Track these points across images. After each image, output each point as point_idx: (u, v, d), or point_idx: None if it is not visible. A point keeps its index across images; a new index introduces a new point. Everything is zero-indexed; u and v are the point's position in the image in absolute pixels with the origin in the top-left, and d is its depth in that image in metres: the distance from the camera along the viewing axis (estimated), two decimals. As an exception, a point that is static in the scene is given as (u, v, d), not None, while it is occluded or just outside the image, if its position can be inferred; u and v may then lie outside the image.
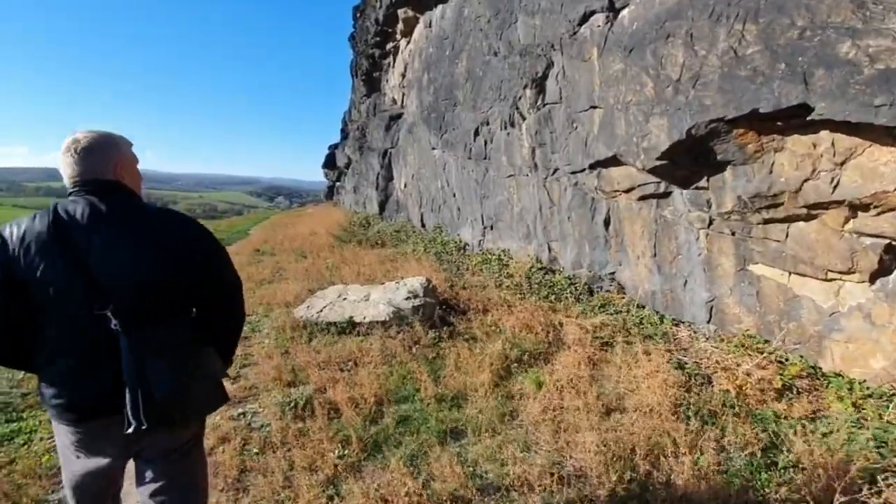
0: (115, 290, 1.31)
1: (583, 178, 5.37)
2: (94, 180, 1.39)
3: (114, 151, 1.45)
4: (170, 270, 1.39)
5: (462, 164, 8.32)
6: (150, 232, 1.38)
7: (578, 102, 5.24)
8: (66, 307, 1.30)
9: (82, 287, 1.28)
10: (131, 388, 1.28)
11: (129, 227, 1.37)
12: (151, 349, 1.32)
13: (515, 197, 6.66)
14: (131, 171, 1.51)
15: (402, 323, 4.48)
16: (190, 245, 1.44)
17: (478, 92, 7.61)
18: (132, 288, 1.33)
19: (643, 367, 3.30)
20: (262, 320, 5.23)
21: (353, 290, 5.44)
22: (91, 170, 1.40)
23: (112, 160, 1.43)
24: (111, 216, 1.36)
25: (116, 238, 1.34)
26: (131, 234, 1.36)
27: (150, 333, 1.34)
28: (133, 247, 1.35)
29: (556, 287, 5.57)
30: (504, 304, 5.00)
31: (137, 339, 1.31)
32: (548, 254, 6.21)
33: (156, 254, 1.36)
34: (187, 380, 1.38)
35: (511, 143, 6.50)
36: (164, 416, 1.33)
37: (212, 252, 1.51)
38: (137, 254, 1.34)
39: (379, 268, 7.31)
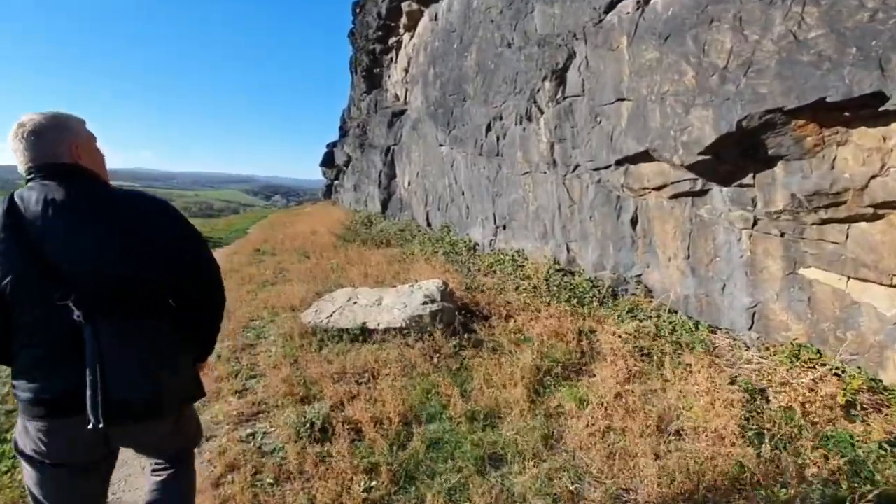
0: (77, 278, 1.23)
1: (607, 174, 5.08)
2: (49, 164, 1.30)
3: (65, 133, 1.35)
4: (139, 257, 1.30)
5: (472, 160, 8.01)
6: (115, 217, 1.30)
7: (603, 94, 4.93)
8: (28, 297, 1.23)
9: (39, 276, 1.21)
10: (90, 383, 1.20)
11: (92, 213, 1.28)
12: (117, 341, 1.24)
13: (531, 195, 6.35)
14: (89, 150, 1.40)
15: (420, 330, 4.17)
16: (160, 229, 1.35)
17: (489, 85, 7.30)
18: (96, 276, 1.25)
19: (694, 382, 3.00)
20: (268, 326, 4.91)
21: (364, 294, 5.12)
22: (43, 154, 1.31)
23: (65, 142, 1.33)
24: (71, 201, 1.27)
25: (79, 224, 1.26)
26: (95, 219, 1.28)
27: (118, 324, 1.25)
28: (97, 233, 1.27)
29: (577, 290, 5.27)
30: (526, 308, 4.70)
31: (102, 331, 1.22)
32: (566, 254, 5.91)
33: (123, 240, 1.28)
34: (155, 374, 1.29)
35: (527, 139, 6.20)
36: (126, 413, 1.24)
37: (184, 235, 1.42)
38: (102, 240, 1.26)
39: (387, 269, 7.00)
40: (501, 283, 5.82)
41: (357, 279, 6.60)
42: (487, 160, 7.39)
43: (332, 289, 6.11)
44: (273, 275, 7.40)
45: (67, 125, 1.37)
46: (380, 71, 17.57)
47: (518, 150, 6.45)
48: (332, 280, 6.70)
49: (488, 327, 4.30)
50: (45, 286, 1.21)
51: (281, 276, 7.29)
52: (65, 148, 1.33)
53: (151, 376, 1.28)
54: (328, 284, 6.47)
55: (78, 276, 1.23)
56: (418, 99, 11.39)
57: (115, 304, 1.26)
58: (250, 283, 6.84)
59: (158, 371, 1.30)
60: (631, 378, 3.24)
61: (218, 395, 3.37)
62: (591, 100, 5.18)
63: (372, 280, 6.55)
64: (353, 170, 19.15)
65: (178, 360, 1.41)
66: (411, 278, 6.24)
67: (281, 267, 7.97)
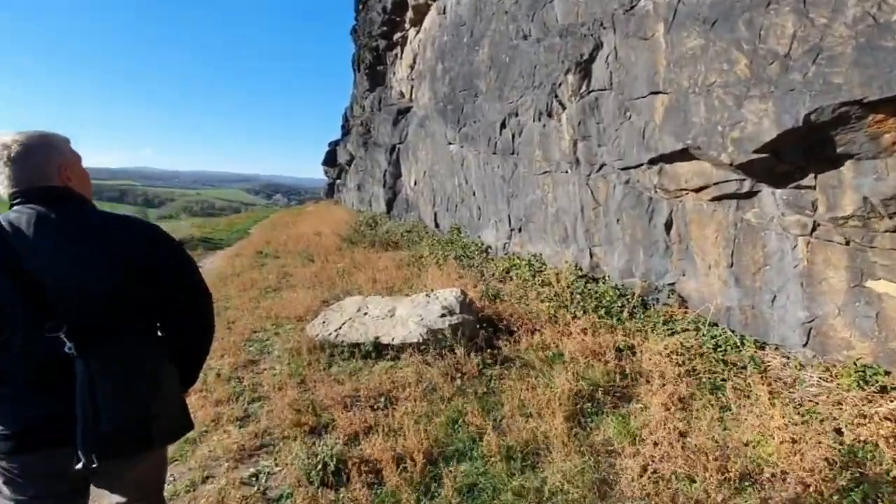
0: (69, 308, 1.18)
1: (638, 174, 4.69)
2: (38, 188, 1.24)
3: (53, 153, 1.29)
4: (131, 283, 1.26)
5: (485, 159, 7.63)
6: (107, 242, 1.25)
7: (634, 87, 4.55)
8: (11, 327, 1.16)
9: (31, 307, 1.15)
10: (82, 419, 1.14)
11: (84, 239, 1.23)
12: (108, 373, 1.19)
13: (551, 196, 5.97)
14: (78, 172, 1.34)
15: (439, 346, 3.80)
16: (152, 255, 1.31)
17: (504, 80, 6.91)
18: (89, 306, 1.20)
19: (759, 413, 2.62)
20: (272, 339, 4.54)
21: (375, 303, 4.75)
22: (31, 177, 1.24)
23: (54, 163, 1.27)
24: (62, 227, 1.21)
25: (70, 251, 1.20)
26: (87, 245, 1.22)
27: (107, 355, 1.20)
28: (89, 260, 1.21)
29: (604, 299, 4.89)
30: (552, 320, 4.32)
31: (93, 362, 1.17)
32: (589, 260, 5.53)
33: (114, 266, 1.23)
34: (147, 408, 1.25)
35: (547, 136, 5.82)
36: (114, 450, 1.19)
37: (177, 261, 1.38)
38: (94, 267, 1.21)
39: (396, 274, 6.63)
40: (520, 291, 5.45)
41: (365, 285, 6.23)
42: (502, 159, 7.01)
43: (339, 296, 5.75)
44: (276, 280, 7.03)
45: (55, 146, 1.30)
46: (383, 68, 17.20)
47: (536, 149, 6.07)
48: (338, 286, 6.33)
49: (513, 342, 3.92)
50: (37, 318, 1.15)
51: (285, 282, 6.93)
52: (53, 170, 1.27)
53: (143, 407, 1.24)
54: (335, 291, 6.11)
55: (70, 306, 1.18)
56: (425, 95, 11.01)
57: (105, 333, 1.21)
58: (252, 289, 6.47)
59: (149, 401, 1.26)
60: (682, 405, 2.87)
61: (217, 422, 3.01)
62: (619, 94, 4.80)
63: (381, 287, 6.18)
64: (357, 169, 18.78)
65: (167, 390, 1.35)
66: (424, 285, 5.87)
67: (284, 271, 7.61)
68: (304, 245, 10.01)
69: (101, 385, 1.16)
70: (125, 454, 1.24)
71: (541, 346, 3.89)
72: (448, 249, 7.98)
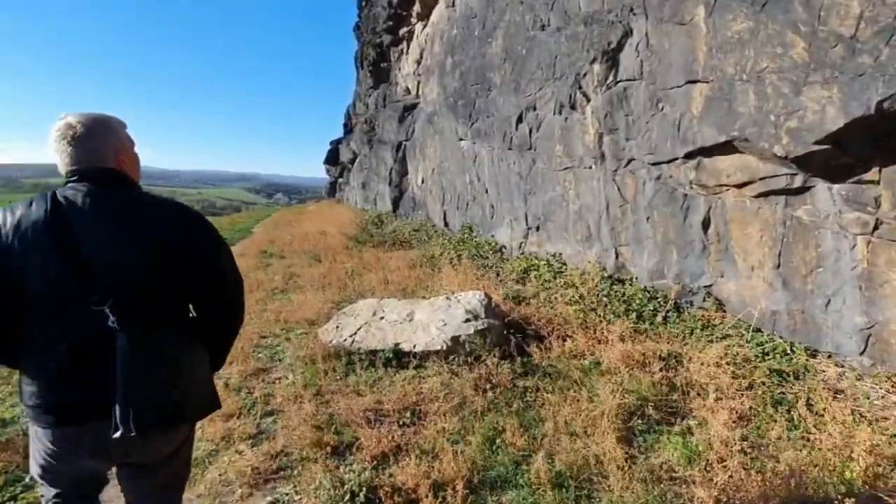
0: (115, 285, 1.21)
1: (671, 169, 4.41)
2: (95, 169, 1.29)
3: (112, 137, 1.34)
4: (163, 264, 1.28)
5: (499, 155, 7.35)
6: (143, 222, 1.28)
7: (668, 77, 4.27)
8: (58, 301, 1.20)
9: (78, 281, 1.19)
10: (122, 391, 1.18)
11: (124, 218, 1.27)
12: (147, 349, 1.23)
13: (572, 193, 5.70)
14: (131, 156, 1.40)
15: (464, 353, 3.52)
16: (187, 236, 1.33)
17: (520, 73, 6.63)
18: (133, 283, 1.24)
19: (837, 430, 2.35)
20: (283, 345, 4.26)
21: (391, 307, 4.47)
22: (89, 157, 1.28)
23: (111, 146, 1.33)
24: (113, 208, 1.26)
25: (118, 231, 1.25)
26: (134, 226, 1.26)
27: (147, 332, 1.24)
28: (126, 238, 1.25)
29: (633, 302, 4.61)
30: (583, 325, 4.04)
31: (134, 338, 1.21)
32: (614, 260, 5.25)
33: (147, 246, 1.26)
34: (181, 382, 1.31)
35: (570, 130, 5.54)
36: (154, 421, 1.23)
37: (212, 244, 1.40)
38: (140, 248, 1.25)
39: (409, 275, 6.35)
40: (543, 293, 5.18)
41: (377, 287, 5.95)
42: (518, 155, 6.73)
43: (351, 299, 5.47)
44: (283, 281, 6.75)
45: (114, 129, 1.36)
46: (387, 65, 16.92)
47: (557, 143, 5.79)
48: (349, 288, 6.05)
49: (544, 349, 3.65)
50: (80, 290, 1.19)
51: (292, 283, 6.65)
52: (110, 152, 1.32)
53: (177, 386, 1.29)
54: (346, 293, 5.83)
55: (115, 283, 1.21)
56: (434, 91, 10.72)
57: (145, 311, 1.25)
58: (259, 291, 6.19)
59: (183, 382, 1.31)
60: (744, 422, 2.59)
61: (227, 440, 2.73)
62: (651, 83, 4.52)
63: (394, 288, 5.91)
64: (361, 167, 18.50)
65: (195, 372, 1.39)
66: (439, 287, 5.60)
67: (291, 272, 7.33)
68: (310, 244, 9.73)
69: (138, 362, 1.20)
70: (157, 427, 1.26)
71: (574, 353, 3.62)
72: (460, 249, 7.70)
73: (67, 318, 1.20)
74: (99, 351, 1.19)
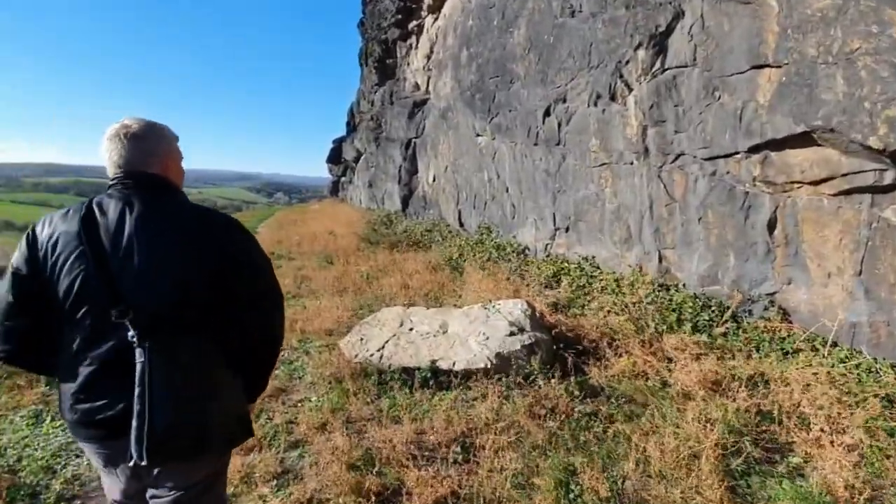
0: (139, 297, 1.16)
1: (730, 165, 4.00)
2: (140, 173, 1.26)
3: (163, 143, 1.33)
4: (204, 280, 1.21)
5: (523, 151, 6.93)
6: (188, 236, 1.22)
7: (727, 62, 3.86)
8: (87, 312, 1.17)
9: (106, 291, 1.15)
10: (137, 414, 1.10)
11: (170, 229, 1.21)
12: (169, 367, 1.15)
13: (609, 191, 5.28)
14: (177, 166, 1.37)
15: (512, 372, 3.11)
16: (226, 250, 1.25)
17: (548, 63, 6.21)
18: (161, 296, 1.17)
19: None
20: (301, 359, 3.84)
21: (420, 316, 4.06)
22: (137, 161, 1.26)
23: (160, 152, 1.31)
24: (149, 215, 1.21)
25: (153, 240, 1.19)
26: (171, 236, 1.21)
27: (171, 349, 1.16)
28: (171, 250, 1.20)
29: (684, 311, 4.19)
30: (637, 337, 3.63)
31: (155, 354, 1.14)
32: (658, 264, 4.84)
33: (195, 261, 1.21)
34: (202, 409, 1.19)
35: (608, 123, 5.12)
36: (168, 451, 1.14)
37: (251, 260, 1.31)
38: (174, 259, 1.19)
39: (430, 278, 5.93)
40: (579, 300, 4.77)
41: (397, 292, 5.54)
42: (545, 150, 6.31)
43: (371, 306, 5.06)
44: (295, 285, 6.34)
45: (166, 137, 1.34)
46: (393, 61, 16.50)
47: (592, 138, 5.37)
48: (367, 293, 5.64)
49: (601, 367, 3.23)
50: (107, 300, 1.14)
51: (305, 287, 6.23)
52: (158, 159, 1.29)
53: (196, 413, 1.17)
54: (364, 299, 5.42)
55: (140, 295, 1.16)
56: (447, 85, 10.29)
57: (167, 328, 1.17)
58: (269, 296, 5.78)
59: (204, 405, 1.20)
60: (862, 459, 2.18)
61: (248, 480, 2.32)
62: (706, 70, 4.10)
63: (414, 294, 5.50)
64: (367, 165, 18.08)
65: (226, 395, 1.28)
66: (468, 293, 5.19)
67: (302, 275, 6.91)
68: (320, 245, 9.32)
69: (157, 381, 1.13)
70: (177, 457, 1.18)
71: (634, 371, 3.20)
72: (478, 250, 7.29)
73: (98, 329, 1.16)
74: (125, 366, 1.14)
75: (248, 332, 1.31)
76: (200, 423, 1.18)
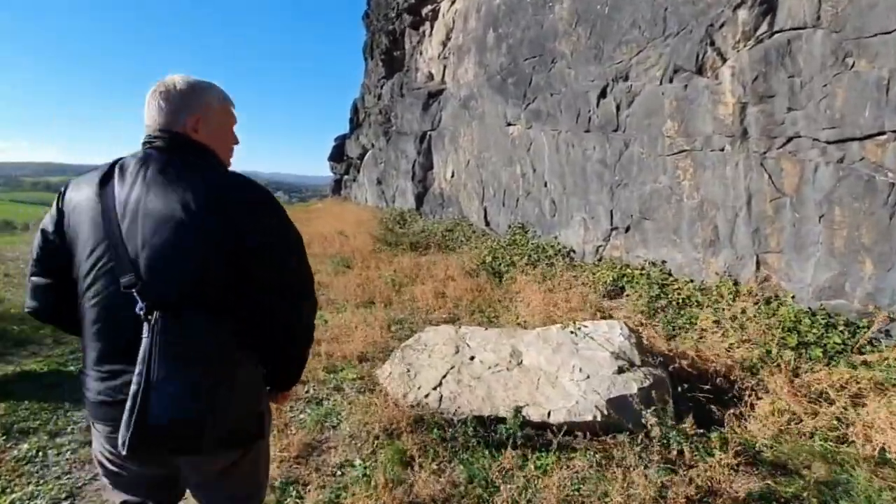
0: (147, 267, 1.01)
1: (866, 149, 3.17)
2: (164, 132, 1.11)
3: (200, 101, 1.15)
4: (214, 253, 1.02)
5: (568, 140, 6.08)
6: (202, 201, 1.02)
7: (868, 20, 3.03)
8: (98, 279, 1.04)
9: (115, 259, 1.02)
10: (132, 395, 0.94)
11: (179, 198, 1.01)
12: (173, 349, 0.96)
13: (688, 183, 4.44)
14: (219, 130, 1.19)
15: (629, 423, 2.28)
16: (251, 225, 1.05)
17: (603, 36, 5.37)
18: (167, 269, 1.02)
19: None
20: (333, 398, 2.98)
21: (478, 340, 3.23)
22: (166, 119, 1.12)
23: (194, 110, 1.14)
24: (163, 181, 1.04)
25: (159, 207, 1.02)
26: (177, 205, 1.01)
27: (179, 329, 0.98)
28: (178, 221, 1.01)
29: (798, 330, 3.37)
30: (767, 368, 2.80)
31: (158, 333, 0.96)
32: (754, 271, 4.00)
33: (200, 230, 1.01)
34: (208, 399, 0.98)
35: (691, 101, 4.27)
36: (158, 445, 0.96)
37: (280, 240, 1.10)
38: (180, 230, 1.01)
39: (468, 286, 5.09)
40: (660, 315, 3.94)
41: (433, 303, 4.71)
42: (601, 137, 5.46)
43: (408, 321, 4.23)
44: (310, 294, 5.50)
45: (198, 93, 1.16)
46: (401, 53, 15.68)
47: (667, 120, 4.53)
48: (399, 305, 4.80)
49: (738, 415, 2.40)
50: (117, 267, 1.02)
51: (322, 297, 5.39)
52: (190, 118, 1.13)
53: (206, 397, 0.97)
54: (396, 312, 4.58)
55: (146, 265, 1.01)
56: (469, 72, 9.44)
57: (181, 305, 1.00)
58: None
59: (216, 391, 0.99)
60: None
61: None
62: (834, 31, 3.27)
63: (454, 305, 4.66)
64: (376, 161, 17.22)
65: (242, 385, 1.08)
66: (519, 305, 4.36)
67: (318, 280, 6.03)
68: (333, 247, 8.47)
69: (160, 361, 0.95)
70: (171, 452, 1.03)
71: (787, 421, 2.37)
72: (515, 253, 6.45)
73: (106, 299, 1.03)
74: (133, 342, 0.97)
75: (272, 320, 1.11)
76: (202, 417, 0.96)
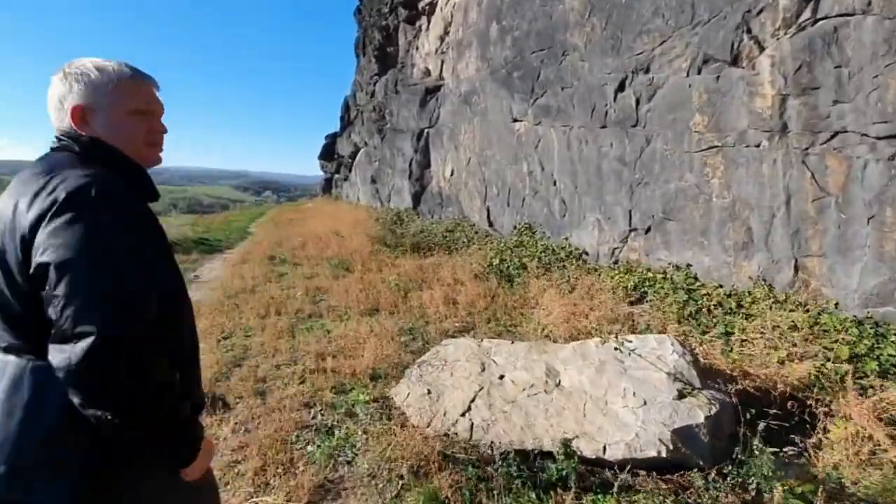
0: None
1: (931, 143, 2.91)
2: (58, 132, 0.98)
3: (76, 86, 0.95)
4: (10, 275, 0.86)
5: (581, 136, 5.78)
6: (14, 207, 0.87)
7: (938, -1, 2.76)
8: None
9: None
10: None
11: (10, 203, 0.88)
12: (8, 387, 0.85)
13: (717, 182, 4.16)
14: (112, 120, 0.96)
15: (697, 459, 1.97)
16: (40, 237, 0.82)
17: (621, 26, 5.07)
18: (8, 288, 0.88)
19: None
20: (346, 425, 2.61)
21: (505, 356, 2.90)
22: (54, 117, 0.98)
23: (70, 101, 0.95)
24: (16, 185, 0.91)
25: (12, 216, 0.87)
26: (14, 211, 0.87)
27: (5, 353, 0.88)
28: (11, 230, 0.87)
29: (849, 340, 3.10)
30: (830, 386, 2.51)
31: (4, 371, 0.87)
32: (791, 276, 3.73)
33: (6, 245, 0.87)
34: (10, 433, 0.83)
35: (723, 94, 3.99)
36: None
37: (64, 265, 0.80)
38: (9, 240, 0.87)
39: (480, 291, 4.75)
40: (690, 324, 3.66)
41: (444, 310, 4.37)
42: (619, 133, 5.17)
43: (419, 331, 3.89)
44: (309, 300, 5.13)
45: (85, 78, 0.95)
46: (395, 49, 15.29)
47: (695, 114, 4.24)
48: (407, 313, 4.45)
49: (811, 445, 2.11)
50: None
51: (322, 303, 5.03)
52: (66, 110, 0.95)
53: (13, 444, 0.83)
54: (405, 320, 4.24)
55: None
56: (471, 67, 9.10)
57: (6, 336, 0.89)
58: (279, 316, 4.57)
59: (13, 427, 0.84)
60: None
61: None
62: (889, 17, 3.00)
63: (467, 313, 4.33)
64: (370, 160, 16.80)
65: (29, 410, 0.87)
66: (539, 313, 4.04)
67: (315, 285, 5.70)
68: (329, 249, 8.09)
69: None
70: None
71: (870, 451, 2.08)
72: (524, 255, 6.14)
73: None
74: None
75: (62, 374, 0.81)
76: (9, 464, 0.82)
